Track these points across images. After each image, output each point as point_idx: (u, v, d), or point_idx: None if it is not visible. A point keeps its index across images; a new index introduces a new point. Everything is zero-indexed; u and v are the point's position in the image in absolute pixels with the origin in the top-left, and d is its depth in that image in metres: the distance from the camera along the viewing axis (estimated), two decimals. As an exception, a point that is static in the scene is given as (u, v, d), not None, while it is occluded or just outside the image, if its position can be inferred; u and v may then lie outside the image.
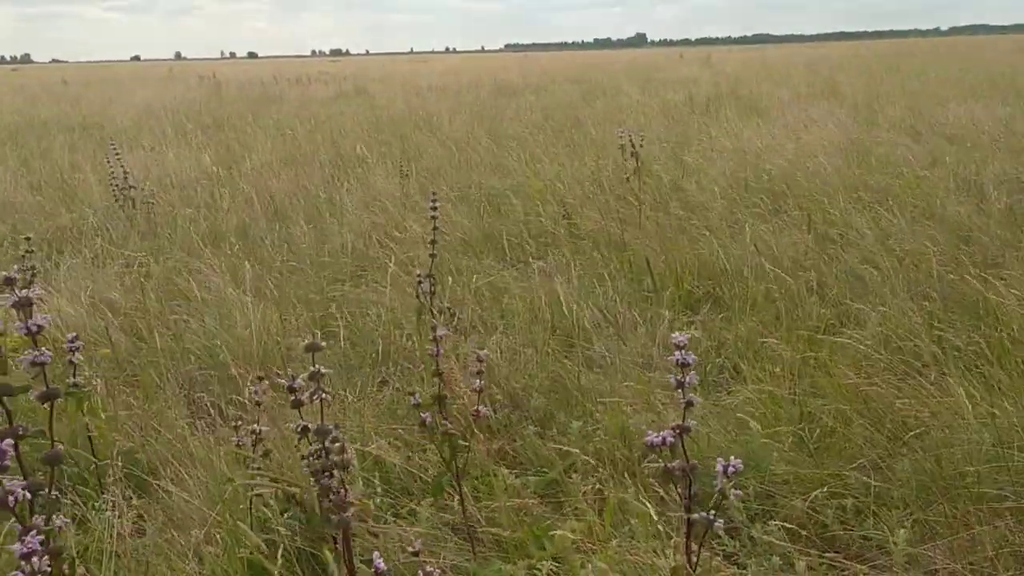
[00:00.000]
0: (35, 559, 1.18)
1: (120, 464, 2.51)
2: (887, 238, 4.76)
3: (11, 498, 1.20)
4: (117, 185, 6.66)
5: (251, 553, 2.12)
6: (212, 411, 3.09)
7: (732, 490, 1.52)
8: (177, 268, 4.92)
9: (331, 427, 1.50)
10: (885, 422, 2.69)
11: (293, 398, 1.59)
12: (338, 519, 1.49)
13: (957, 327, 3.39)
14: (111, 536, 2.29)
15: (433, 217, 2.85)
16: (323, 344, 1.52)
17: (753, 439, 2.59)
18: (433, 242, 2.82)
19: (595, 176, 6.94)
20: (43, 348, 1.31)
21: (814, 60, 26.78)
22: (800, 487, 2.43)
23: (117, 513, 2.37)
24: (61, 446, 1.30)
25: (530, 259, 4.69)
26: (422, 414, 1.98)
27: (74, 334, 2.52)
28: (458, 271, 4.58)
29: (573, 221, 5.35)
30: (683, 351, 1.53)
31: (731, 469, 1.52)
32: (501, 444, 2.83)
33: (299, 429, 1.57)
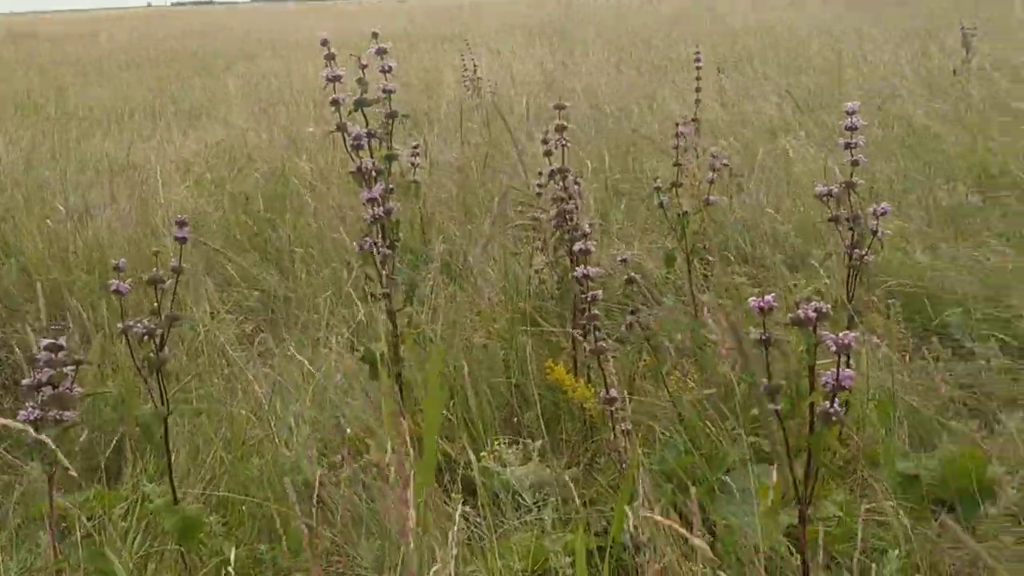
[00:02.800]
0: (376, 207, 1.82)
1: (440, 251, 3.24)
2: None
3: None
4: (467, 78, 7.72)
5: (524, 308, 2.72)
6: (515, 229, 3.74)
7: (882, 230, 1.77)
8: (504, 140, 5.71)
9: (569, 168, 1.98)
10: None
11: (545, 149, 2.10)
12: (571, 237, 1.97)
13: None
14: (430, 305, 3.01)
15: (697, 66, 3.20)
16: (567, 104, 2.00)
17: (995, 275, 2.65)
18: (698, 89, 3.19)
19: (929, 78, 6.62)
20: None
21: None
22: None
23: (434, 288, 3.10)
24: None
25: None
26: (661, 197, 2.39)
27: (416, 143, 3.26)
28: (752, 150, 4.83)
29: (884, 109, 5.27)
30: (852, 116, 1.78)
31: (880, 210, 1.76)
32: (752, 270, 3.16)
33: (548, 173, 2.08)
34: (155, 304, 1.70)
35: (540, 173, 2.81)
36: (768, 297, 1.17)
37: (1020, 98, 5.50)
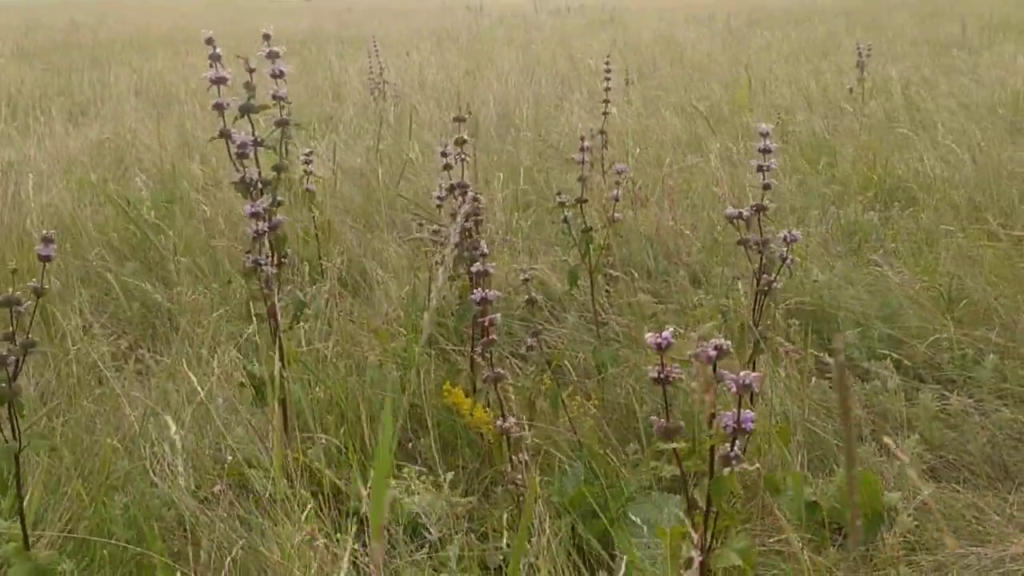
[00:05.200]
0: (260, 223, 1.68)
1: (339, 262, 3.11)
2: None
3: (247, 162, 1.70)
4: (373, 80, 7.56)
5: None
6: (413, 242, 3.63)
7: (791, 256, 1.74)
8: (408, 145, 5.60)
9: (468, 183, 1.89)
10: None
11: (444, 162, 2.00)
12: (470, 255, 1.89)
13: None
14: (325, 317, 2.87)
15: (607, 77, 3.16)
16: (468, 115, 1.91)
17: (892, 295, 2.69)
18: (606, 101, 3.14)
19: (826, 96, 6.82)
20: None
21: None
22: (927, 338, 2.52)
23: (330, 300, 2.95)
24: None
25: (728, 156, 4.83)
26: (565, 212, 2.33)
27: (309, 149, 3.12)
28: (659, 162, 4.84)
29: (784, 123, 5.38)
30: (766, 138, 1.75)
31: (790, 237, 1.74)
32: (655, 286, 3.13)
33: (448, 187, 1.99)
34: (10, 328, 1.53)
35: (440, 185, 2.72)
36: (666, 333, 1.10)
37: (909, 117, 5.71)
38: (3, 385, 1.49)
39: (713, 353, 1.07)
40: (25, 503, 1.55)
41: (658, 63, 9.67)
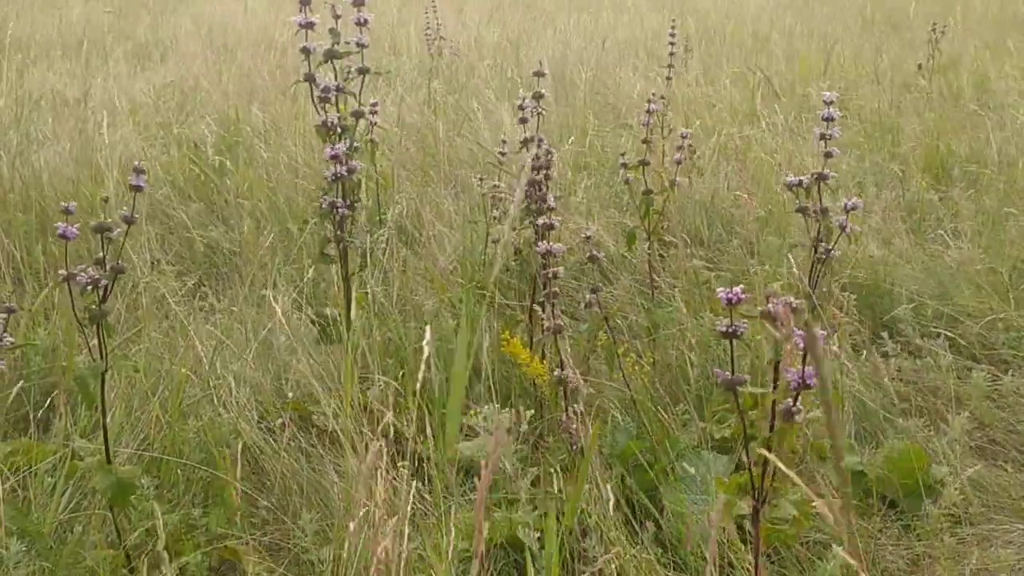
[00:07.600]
0: (339, 166, 1.74)
1: (396, 214, 3.17)
2: None
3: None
4: (429, 37, 7.57)
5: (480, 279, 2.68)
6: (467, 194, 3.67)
7: (850, 224, 1.75)
8: (466, 100, 5.63)
9: (542, 137, 1.92)
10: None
11: (520, 116, 2.04)
12: (537, 207, 1.92)
13: None
14: (381, 269, 2.94)
15: (671, 43, 3.15)
16: (547, 71, 1.93)
17: (946, 273, 2.68)
18: (670, 66, 3.14)
19: (891, 71, 6.68)
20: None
21: None
22: (983, 318, 2.51)
23: (387, 252, 3.02)
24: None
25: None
26: (627, 175, 2.35)
27: (375, 100, 3.17)
28: (716, 131, 4.81)
29: (845, 98, 5.29)
30: (830, 107, 1.75)
31: (849, 205, 1.75)
32: (709, 253, 3.15)
33: (522, 141, 2.02)
34: (101, 253, 1.61)
35: (503, 141, 2.75)
36: (737, 289, 1.14)
37: (976, 97, 5.59)
38: (94, 307, 1.58)
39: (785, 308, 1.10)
40: (108, 421, 1.64)
41: (719, 31, 9.52)
